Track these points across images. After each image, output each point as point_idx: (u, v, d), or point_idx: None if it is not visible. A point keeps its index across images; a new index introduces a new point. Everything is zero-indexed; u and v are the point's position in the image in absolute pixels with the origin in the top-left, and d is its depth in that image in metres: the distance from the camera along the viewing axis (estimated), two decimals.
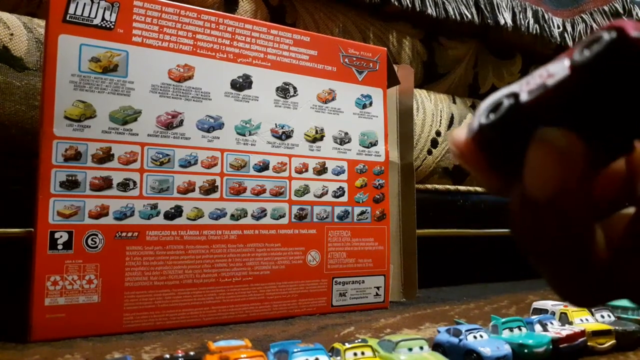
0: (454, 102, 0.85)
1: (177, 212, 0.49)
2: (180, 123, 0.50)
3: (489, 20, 0.83)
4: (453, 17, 0.80)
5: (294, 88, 0.56)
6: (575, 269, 0.15)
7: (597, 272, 0.15)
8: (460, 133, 0.15)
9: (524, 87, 0.14)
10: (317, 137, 0.57)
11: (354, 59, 0.61)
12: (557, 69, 0.13)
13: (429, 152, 0.79)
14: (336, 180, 0.58)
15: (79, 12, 0.46)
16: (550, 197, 0.14)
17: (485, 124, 0.15)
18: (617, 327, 0.44)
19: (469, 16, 0.81)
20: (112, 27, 0.47)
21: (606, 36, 0.12)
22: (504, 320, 0.42)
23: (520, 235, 0.15)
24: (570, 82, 0.13)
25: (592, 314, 0.47)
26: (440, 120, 0.81)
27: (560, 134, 0.13)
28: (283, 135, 0.55)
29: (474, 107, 0.87)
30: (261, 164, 0.54)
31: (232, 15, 0.56)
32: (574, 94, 0.13)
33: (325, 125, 0.58)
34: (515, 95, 0.14)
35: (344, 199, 0.59)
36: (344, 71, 0.60)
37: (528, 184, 0.14)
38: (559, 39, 0.92)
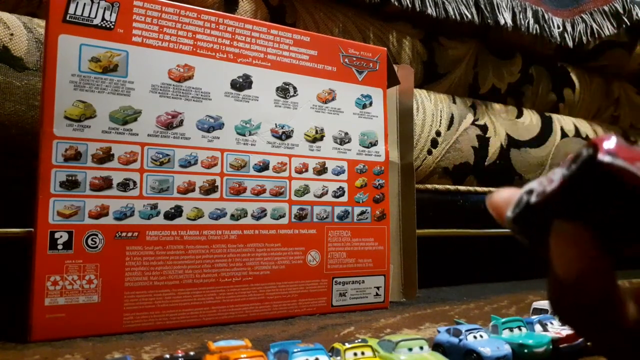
0: (454, 102, 0.85)
1: (177, 212, 0.49)
2: (180, 123, 0.50)
3: (489, 20, 0.83)
4: (453, 17, 0.80)
5: (294, 88, 0.56)
6: (610, 336, 0.16)
7: (631, 339, 0.16)
8: (497, 199, 0.18)
9: (537, 187, 0.17)
10: (317, 137, 0.57)
11: (354, 59, 0.61)
12: (557, 177, 0.16)
13: (429, 152, 0.79)
14: (336, 180, 0.58)
15: (79, 12, 0.46)
16: (576, 278, 0.16)
17: (510, 217, 0.18)
18: None
19: (469, 16, 0.81)
20: (112, 27, 0.47)
21: (584, 153, 0.15)
22: (504, 320, 0.42)
23: (556, 305, 0.17)
24: (559, 191, 0.16)
25: None
26: (440, 120, 0.81)
27: (568, 226, 0.15)
28: (283, 135, 0.55)
29: (474, 107, 0.87)
30: (261, 164, 0.54)
31: (232, 15, 0.56)
32: (564, 199, 0.16)
33: (325, 125, 0.58)
34: (531, 193, 0.17)
35: (344, 199, 0.59)
36: (344, 71, 0.60)
37: (555, 267, 0.16)
38: (559, 39, 0.92)
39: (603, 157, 0.14)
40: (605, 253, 0.16)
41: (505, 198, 0.18)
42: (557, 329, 0.43)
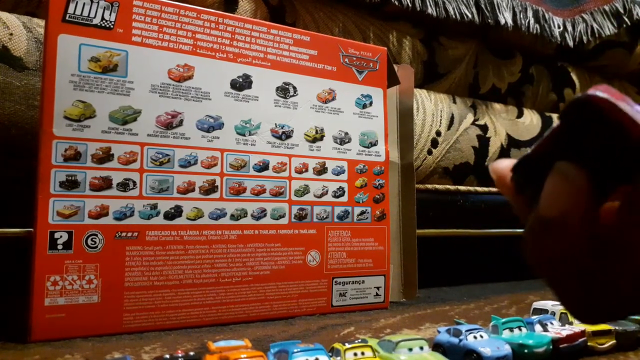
0: (454, 102, 0.85)
1: (177, 212, 0.49)
2: (180, 123, 0.50)
3: (489, 20, 0.83)
4: (453, 17, 0.80)
5: (294, 88, 0.56)
6: (579, 281, 0.18)
7: (599, 287, 0.17)
8: (499, 165, 0.20)
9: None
10: (317, 137, 0.57)
11: (354, 58, 0.61)
12: (555, 125, 0.17)
13: (429, 152, 0.79)
14: (336, 180, 0.58)
15: (78, 12, 0.46)
16: (558, 215, 0.17)
17: (513, 166, 0.19)
18: (617, 327, 0.44)
19: (469, 16, 0.81)
20: (112, 26, 0.47)
21: (580, 95, 0.16)
22: (504, 320, 0.42)
23: (532, 253, 0.18)
24: (555, 130, 0.17)
25: None
26: (440, 120, 0.81)
27: (569, 167, 0.17)
28: (283, 135, 0.55)
29: (474, 107, 0.87)
30: (261, 164, 0.54)
31: (232, 15, 0.56)
32: (558, 138, 0.17)
33: (325, 125, 0.58)
34: None
35: (344, 199, 0.59)
36: (344, 71, 0.60)
37: (542, 205, 0.17)
38: (559, 38, 0.92)
39: (591, 92, 0.16)
40: (594, 197, 0.17)
41: (507, 164, 0.20)
42: (557, 329, 0.43)
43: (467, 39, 0.89)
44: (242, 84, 0.53)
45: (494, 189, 0.87)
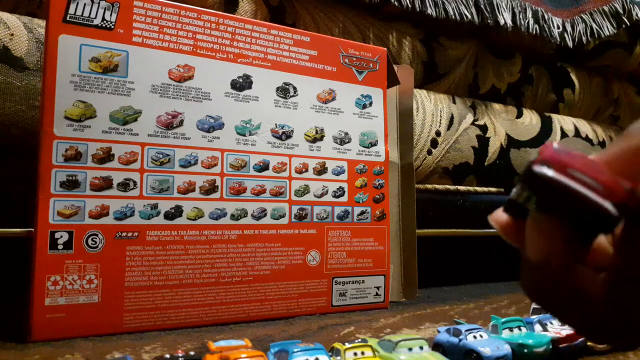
0: (454, 102, 0.85)
1: (177, 212, 0.49)
2: (181, 123, 0.50)
3: (489, 20, 0.83)
4: (453, 17, 0.80)
5: (294, 88, 0.56)
6: (571, 310, 0.18)
7: (598, 313, 0.18)
8: (496, 214, 0.20)
9: None
10: (317, 137, 0.57)
11: (354, 59, 0.61)
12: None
13: (429, 152, 0.79)
14: (336, 180, 0.58)
15: (79, 12, 0.46)
16: (539, 260, 0.17)
17: (504, 205, 0.20)
18: None
19: (469, 16, 0.81)
20: (112, 27, 0.47)
21: (531, 159, 0.17)
22: (503, 320, 0.42)
23: (526, 286, 0.19)
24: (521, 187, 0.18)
25: None
26: (440, 120, 0.81)
27: (540, 217, 0.17)
28: (283, 135, 0.55)
29: (474, 107, 0.87)
30: (261, 164, 0.54)
31: (232, 15, 0.56)
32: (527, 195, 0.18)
33: (325, 125, 0.58)
34: None
35: (344, 199, 0.59)
36: (344, 71, 0.60)
37: (526, 249, 0.18)
38: (558, 39, 0.92)
39: (536, 167, 0.16)
40: (571, 241, 0.17)
41: (507, 218, 0.20)
42: (557, 329, 0.43)
43: (467, 39, 0.89)
44: (242, 84, 0.53)
45: (493, 189, 0.87)
